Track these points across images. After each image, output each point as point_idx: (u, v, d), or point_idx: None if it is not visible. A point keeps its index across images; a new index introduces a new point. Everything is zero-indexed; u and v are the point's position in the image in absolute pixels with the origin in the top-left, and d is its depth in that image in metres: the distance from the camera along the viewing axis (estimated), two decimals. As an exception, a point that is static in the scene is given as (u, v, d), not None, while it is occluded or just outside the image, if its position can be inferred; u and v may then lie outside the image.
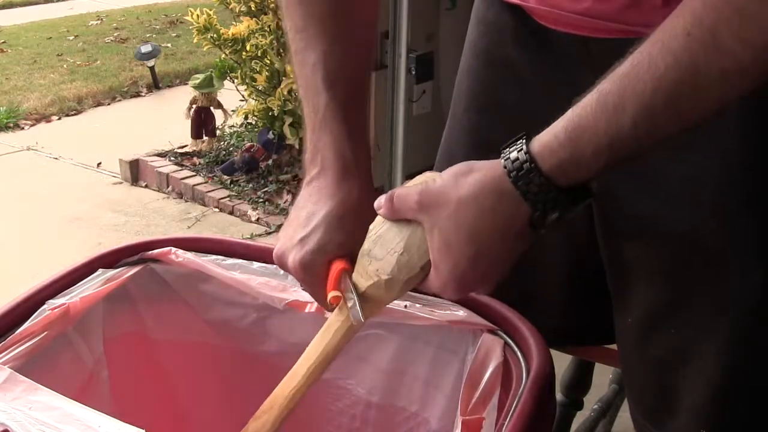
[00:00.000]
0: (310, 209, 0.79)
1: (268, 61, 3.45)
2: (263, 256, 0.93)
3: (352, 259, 0.76)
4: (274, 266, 0.92)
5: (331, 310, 0.78)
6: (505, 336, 0.80)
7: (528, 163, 0.66)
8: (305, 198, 0.80)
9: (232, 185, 3.57)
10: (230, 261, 0.93)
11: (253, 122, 3.77)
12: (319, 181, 0.80)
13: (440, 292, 0.73)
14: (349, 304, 0.74)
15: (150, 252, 0.95)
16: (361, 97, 0.84)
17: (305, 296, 0.88)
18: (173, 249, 0.95)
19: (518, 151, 0.67)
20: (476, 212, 0.68)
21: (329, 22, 0.83)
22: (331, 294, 0.74)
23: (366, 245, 0.74)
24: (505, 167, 0.67)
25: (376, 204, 0.74)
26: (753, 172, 0.80)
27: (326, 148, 0.80)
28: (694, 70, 0.61)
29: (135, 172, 3.83)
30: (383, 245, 0.73)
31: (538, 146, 0.66)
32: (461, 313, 0.83)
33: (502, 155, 0.68)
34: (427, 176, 0.73)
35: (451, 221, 0.68)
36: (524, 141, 0.67)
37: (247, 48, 3.48)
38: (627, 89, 0.63)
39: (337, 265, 0.76)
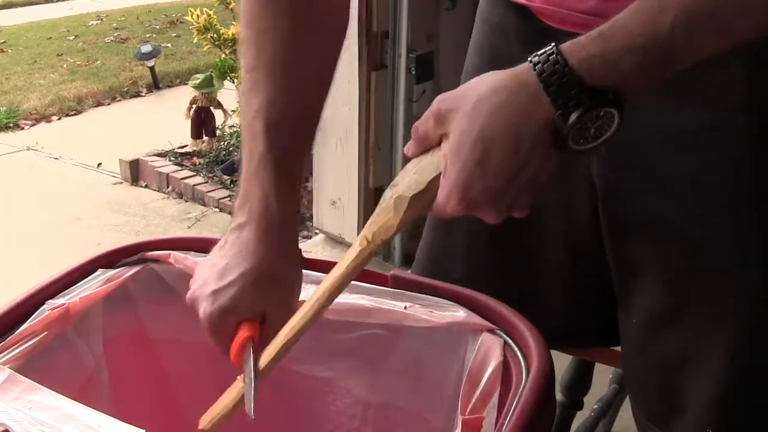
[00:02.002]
0: (228, 262, 0.77)
1: (268, 61, 3.44)
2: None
3: (262, 320, 0.77)
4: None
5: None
6: (504, 335, 0.80)
7: (555, 56, 0.64)
8: (227, 246, 0.79)
9: (232, 185, 3.57)
10: (230, 261, 0.93)
11: (253, 122, 3.76)
12: (243, 234, 0.78)
13: (444, 206, 0.68)
14: (246, 381, 0.74)
15: (150, 252, 0.95)
16: (299, 150, 0.82)
17: (305, 296, 0.88)
18: (173, 249, 0.95)
19: (546, 49, 0.65)
20: (493, 107, 0.65)
21: (279, 68, 0.80)
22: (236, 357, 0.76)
23: (393, 181, 0.73)
24: (530, 61, 0.65)
25: (405, 149, 0.72)
26: (761, 172, 0.80)
27: (254, 200, 0.79)
28: None
29: (135, 172, 3.83)
30: (404, 170, 0.72)
31: (567, 43, 0.64)
32: (461, 313, 0.83)
33: (532, 55, 0.65)
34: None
35: (466, 119, 0.66)
36: (554, 43, 0.65)
37: (247, 48, 3.47)
38: None
39: (243, 333, 0.76)
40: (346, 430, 0.96)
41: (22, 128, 4.65)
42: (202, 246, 0.95)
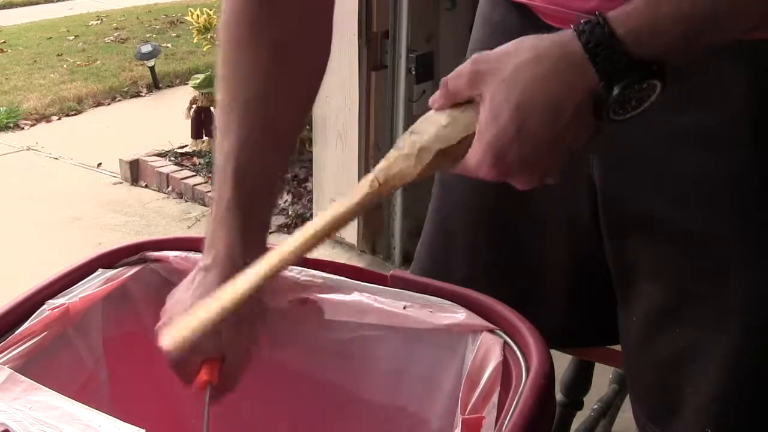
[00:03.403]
0: (193, 304, 0.77)
1: (268, 61, 3.44)
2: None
3: (223, 359, 0.79)
4: (274, 266, 0.92)
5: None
6: (504, 335, 0.80)
7: (601, 26, 0.62)
8: (194, 286, 0.80)
9: (232, 185, 3.57)
10: (230, 261, 0.93)
11: (253, 122, 3.76)
12: (208, 277, 0.79)
13: (476, 168, 0.67)
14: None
15: (150, 252, 0.95)
16: (267, 197, 0.82)
17: (305, 295, 0.88)
18: (173, 249, 0.95)
19: (590, 18, 0.63)
20: (534, 74, 0.63)
21: (252, 107, 0.80)
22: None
23: (411, 127, 0.70)
24: (575, 30, 0.63)
25: (430, 101, 0.70)
26: (762, 172, 0.80)
27: (220, 245, 0.79)
28: None
29: (135, 172, 3.83)
30: (427, 120, 0.69)
31: (614, 12, 0.63)
32: (461, 313, 0.83)
33: (577, 24, 0.64)
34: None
35: (505, 85, 0.64)
36: (597, 12, 0.63)
37: (247, 48, 3.47)
38: None
39: (202, 375, 0.79)
40: (345, 430, 0.96)
41: (22, 128, 4.65)
42: (202, 246, 0.94)
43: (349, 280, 0.87)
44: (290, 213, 3.27)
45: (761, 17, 0.64)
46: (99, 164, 4.01)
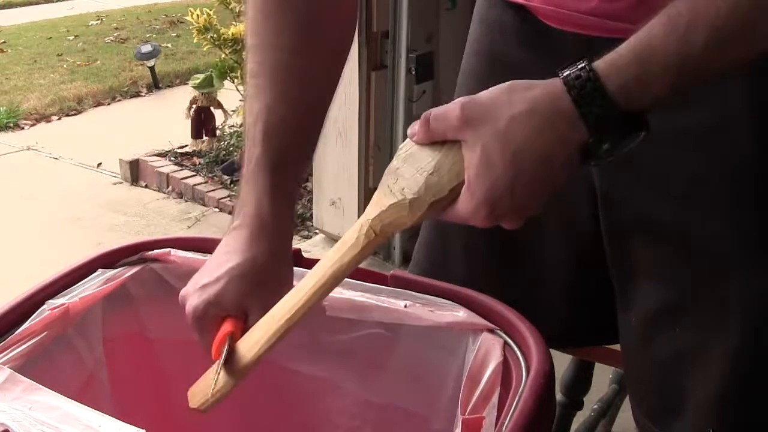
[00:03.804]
0: (220, 259, 0.79)
1: (268, 61, 3.44)
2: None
3: (245, 318, 0.77)
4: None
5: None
6: (504, 335, 0.80)
7: (592, 82, 0.63)
8: (222, 246, 0.80)
9: (232, 185, 3.57)
10: (230, 261, 0.93)
11: (253, 122, 3.76)
12: (236, 234, 0.79)
13: (468, 218, 0.68)
14: (212, 374, 0.74)
15: (150, 252, 0.95)
16: (296, 156, 0.82)
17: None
18: (173, 249, 0.95)
19: (581, 69, 0.63)
20: (528, 131, 0.64)
21: (281, 75, 0.81)
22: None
23: (394, 162, 0.71)
24: (566, 84, 0.64)
25: (409, 131, 0.70)
26: (761, 172, 0.80)
27: (249, 203, 0.80)
28: None
29: (135, 172, 3.83)
30: (412, 164, 0.70)
31: (603, 65, 0.63)
32: (461, 313, 0.83)
33: (561, 74, 0.64)
34: None
35: (498, 138, 0.65)
36: (586, 60, 0.64)
37: (247, 48, 3.47)
38: (699, 11, 0.62)
39: (225, 328, 0.76)
40: (346, 430, 0.96)
41: (22, 128, 4.65)
42: (202, 246, 0.95)
43: (349, 280, 0.87)
44: (290, 213, 3.27)
45: (758, 54, 0.64)
46: (99, 164, 4.01)
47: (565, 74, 0.64)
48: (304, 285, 0.74)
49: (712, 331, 0.83)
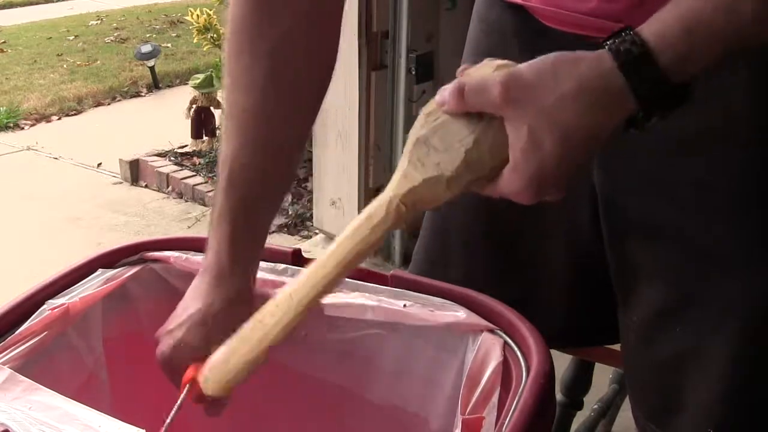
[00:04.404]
0: (186, 304, 0.82)
1: (268, 61, 3.44)
2: (263, 255, 0.93)
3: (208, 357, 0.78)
4: (275, 265, 0.92)
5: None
6: (504, 335, 0.80)
7: (645, 56, 0.61)
8: (190, 290, 0.83)
9: (232, 185, 3.56)
10: (230, 261, 0.93)
11: (253, 122, 3.76)
12: (200, 278, 0.82)
13: (513, 196, 0.66)
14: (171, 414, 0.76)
15: (150, 252, 0.95)
16: (257, 206, 0.81)
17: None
18: (173, 249, 0.95)
19: (630, 44, 0.62)
20: (577, 112, 0.62)
21: (248, 115, 0.79)
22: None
23: (421, 131, 0.67)
24: (616, 59, 0.62)
25: (438, 98, 0.67)
26: (764, 175, 0.80)
27: (211, 249, 0.81)
28: None
29: (135, 172, 3.83)
30: (446, 135, 0.66)
31: (653, 38, 0.62)
32: (461, 313, 0.83)
33: (608, 46, 0.62)
34: (495, 64, 0.66)
35: (546, 119, 0.62)
36: (632, 33, 0.62)
37: (247, 48, 3.47)
38: None
39: (188, 373, 0.78)
40: (346, 430, 0.96)
41: (22, 128, 4.65)
42: (202, 246, 0.94)
43: (349, 280, 0.87)
44: (290, 213, 3.27)
45: None
46: (99, 164, 4.01)
47: (613, 47, 0.62)
48: (326, 263, 0.70)
49: (712, 332, 0.83)
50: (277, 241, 3.09)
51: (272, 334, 0.72)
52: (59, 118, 4.82)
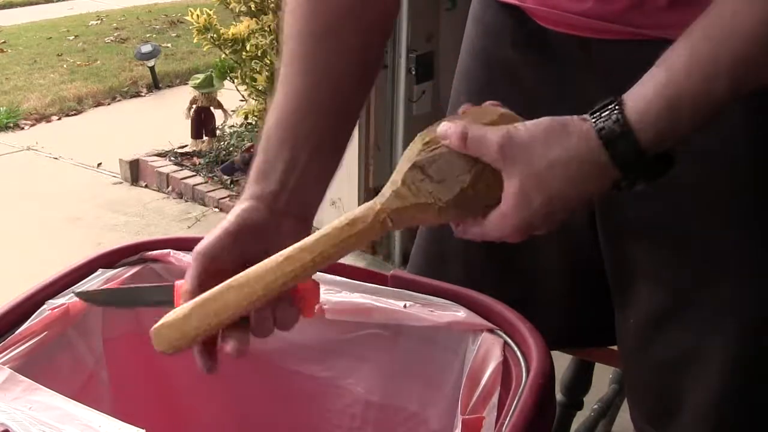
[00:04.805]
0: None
1: (268, 61, 3.45)
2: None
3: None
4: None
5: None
6: (504, 335, 0.80)
7: (626, 135, 0.65)
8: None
9: (232, 185, 3.57)
10: (230, 261, 0.93)
11: (253, 122, 3.77)
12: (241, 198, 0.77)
13: (498, 238, 0.71)
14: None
15: (150, 252, 0.95)
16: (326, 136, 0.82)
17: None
18: (173, 249, 0.95)
19: (614, 123, 0.65)
20: (565, 178, 0.67)
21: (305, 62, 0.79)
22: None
23: (420, 156, 0.70)
24: (600, 138, 0.66)
25: (441, 131, 0.70)
26: (761, 176, 0.80)
27: (258, 164, 0.77)
28: None
29: (135, 172, 3.83)
30: (444, 166, 0.70)
31: (635, 116, 0.65)
32: (461, 313, 0.83)
33: (594, 123, 0.66)
34: (498, 112, 0.71)
35: (536, 180, 0.67)
36: (618, 109, 0.65)
37: (247, 48, 3.48)
38: (720, 54, 0.63)
39: (177, 288, 0.72)
40: (346, 430, 0.96)
41: (22, 128, 4.65)
42: (202, 246, 0.94)
43: (349, 280, 0.87)
44: (290, 213, 3.27)
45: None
46: (99, 164, 4.01)
47: (597, 124, 0.66)
48: (298, 255, 0.68)
49: (710, 333, 0.83)
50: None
51: (230, 308, 0.68)
52: (59, 118, 4.82)
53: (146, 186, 3.78)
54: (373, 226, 0.70)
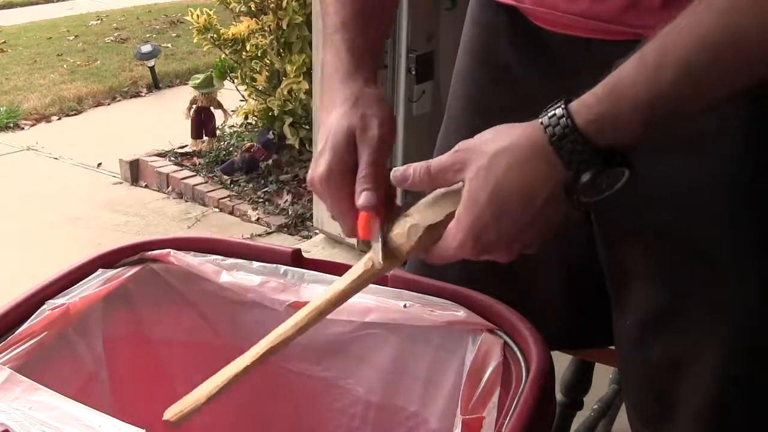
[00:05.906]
0: (323, 123, 0.81)
1: (268, 61, 3.45)
2: (263, 256, 0.93)
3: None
4: (274, 266, 0.92)
5: (354, 236, 0.79)
6: (504, 335, 0.80)
7: (564, 119, 0.66)
8: (321, 109, 0.82)
9: (232, 185, 3.57)
10: (230, 261, 0.93)
11: (253, 122, 3.77)
12: (328, 91, 0.81)
13: (457, 250, 0.72)
14: (374, 251, 0.76)
15: (150, 252, 0.95)
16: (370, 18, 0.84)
17: (305, 296, 0.88)
18: (173, 249, 0.95)
19: (555, 108, 0.67)
20: (507, 165, 0.68)
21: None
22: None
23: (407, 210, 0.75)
24: (541, 123, 0.67)
25: (410, 183, 0.74)
26: (757, 177, 0.80)
27: (329, 65, 0.82)
28: (737, 31, 0.61)
29: (135, 172, 3.83)
30: (417, 203, 0.75)
31: (576, 103, 0.66)
32: (461, 313, 0.83)
33: (542, 113, 0.67)
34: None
35: (482, 172, 0.69)
36: (563, 99, 0.67)
37: (247, 48, 3.48)
38: (668, 46, 0.63)
39: (364, 217, 0.77)
40: (346, 430, 0.96)
41: (22, 128, 4.65)
42: (202, 246, 0.95)
43: (349, 280, 0.87)
44: (290, 213, 3.27)
45: (737, 92, 0.65)
46: (99, 164, 4.01)
47: (544, 112, 0.67)
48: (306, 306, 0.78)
49: (705, 335, 0.83)
50: (277, 241, 3.09)
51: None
52: (59, 118, 4.81)
53: (146, 186, 3.78)
54: (363, 272, 0.77)
